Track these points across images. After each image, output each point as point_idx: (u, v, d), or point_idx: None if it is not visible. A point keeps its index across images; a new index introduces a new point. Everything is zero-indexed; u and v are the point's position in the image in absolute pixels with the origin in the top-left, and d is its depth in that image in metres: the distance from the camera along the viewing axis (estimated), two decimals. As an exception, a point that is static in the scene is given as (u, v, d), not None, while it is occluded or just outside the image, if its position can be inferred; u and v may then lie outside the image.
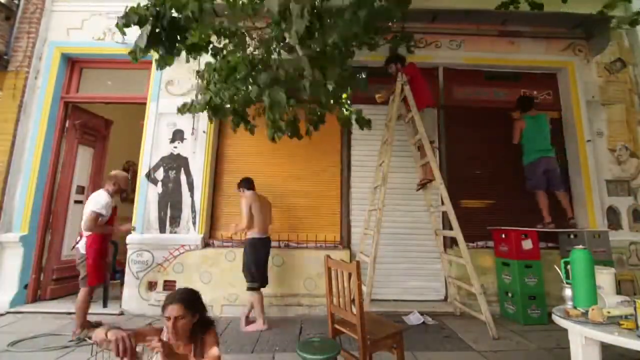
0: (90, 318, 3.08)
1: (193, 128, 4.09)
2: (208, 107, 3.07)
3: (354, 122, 3.56)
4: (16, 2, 4.28)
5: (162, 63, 2.72)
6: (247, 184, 3.48)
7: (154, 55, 2.75)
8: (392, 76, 3.94)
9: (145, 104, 4.19)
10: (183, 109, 3.23)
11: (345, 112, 3.55)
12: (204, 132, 4.10)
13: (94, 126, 4.68)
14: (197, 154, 4.06)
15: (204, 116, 4.07)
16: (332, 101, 3.30)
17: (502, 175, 4.28)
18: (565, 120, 4.47)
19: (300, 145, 4.19)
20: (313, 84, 2.65)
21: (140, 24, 2.47)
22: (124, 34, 2.66)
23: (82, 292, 3.00)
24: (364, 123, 3.55)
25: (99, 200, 3.02)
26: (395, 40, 4.03)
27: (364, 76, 3.78)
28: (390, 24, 3.70)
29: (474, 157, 4.27)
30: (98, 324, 3.04)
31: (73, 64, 4.42)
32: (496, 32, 4.43)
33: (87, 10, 4.33)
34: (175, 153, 4.07)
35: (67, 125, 4.31)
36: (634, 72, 4.51)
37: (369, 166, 4.27)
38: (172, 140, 4.09)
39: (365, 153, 4.32)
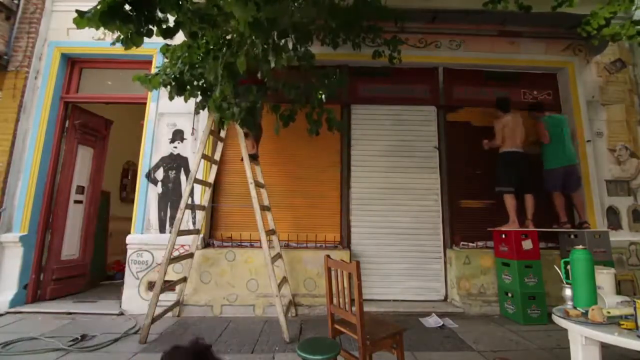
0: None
1: (193, 128, 4.09)
2: (174, 82, 2.89)
3: (324, 122, 3.37)
4: (16, 2, 4.28)
5: (129, 43, 2.33)
6: None
7: (119, 33, 2.30)
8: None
9: (145, 104, 4.19)
10: (141, 79, 2.98)
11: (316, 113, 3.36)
12: (203, 132, 4.09)
13: (94, 126, 4.68)
14: (197, 154, 4.04)
15: (204, 116, 4.07)
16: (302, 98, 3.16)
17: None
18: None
19: (300, 146, 4.21)
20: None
21: None
22: None
23: None
24: (337, 125, 3.39)
25: None
26: (378, 48, 3.76)
27: (338, 74, 3.55)
28: (379, 23, 3.62)
29: (474, 157, 4.27)
30: None
31: (73, 64, 4.42)
32: (496, 32, 4.43)
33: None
34: (175, 153, 4.07)
35: (67, 125, 4.31)
36: (634, 72, 4.52)
37: (369, 166, 4.28)
38: (172, 141, 4.08)
39: (365, 153, 4.32)
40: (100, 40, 4.25)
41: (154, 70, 4.19)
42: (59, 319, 3.38)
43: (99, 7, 2.00)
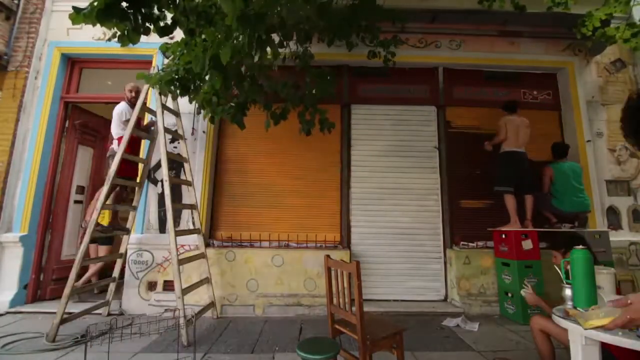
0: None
1: (193, 128, 4.09)
2: (176, 82, 2.84)
3: (317, 123, 3.43)
4: (16, 2, 4.28)
5: (126, 40, 2.28)
6: None
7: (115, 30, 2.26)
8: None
9: (145, 104, 4.17)
10: (144, 77, 2.93)
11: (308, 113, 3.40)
12: (203, 132, 4.10)
13: (94, 126, 4.69)
14: (197, 154, 4.06)
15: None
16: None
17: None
18: (565, 120, 4.47)
19: (300, 145, 4.21)
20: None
21: None
22: None
23: None
24: (328, 125, 3.43)
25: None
26: (373, 47, 3.72)
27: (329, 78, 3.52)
28: (377, 24, 3.60)
29: (474, 157, 4.27)
30: None
31: (73, 64, 4.42)
32: (496, 32, 4.43)
33: (87, 10, 4.34)
34: (175, 153, 4.06)
35: (67, 125, 4.31)
36: (634, 72, 4.51)
37: (369, 166, 4.28)
38: (172, 140, 4.08)
39: (365, 153, 4.32)
40: (100, 40, 4.25)
41: (154, 69, 4.19)
42: (59, 319, 3.37)
43: (95, 3, 1.97)
